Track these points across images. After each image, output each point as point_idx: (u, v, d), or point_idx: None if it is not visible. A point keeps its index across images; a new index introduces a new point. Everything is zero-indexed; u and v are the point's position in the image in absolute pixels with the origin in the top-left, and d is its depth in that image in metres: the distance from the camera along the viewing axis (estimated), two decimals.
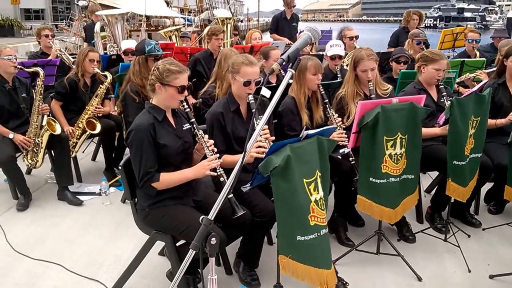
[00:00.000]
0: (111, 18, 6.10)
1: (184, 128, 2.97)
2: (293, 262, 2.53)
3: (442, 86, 3.99)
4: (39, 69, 4.33)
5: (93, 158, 5.68)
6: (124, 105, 4.09)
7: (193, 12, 30.34)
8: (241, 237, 3.21)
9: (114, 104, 5.14)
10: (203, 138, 2.85)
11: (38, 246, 3.71)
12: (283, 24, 8.03)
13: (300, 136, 2.50)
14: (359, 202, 3.31)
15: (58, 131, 4.35)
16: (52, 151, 4.60)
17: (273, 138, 3.15)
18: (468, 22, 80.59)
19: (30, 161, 4.42)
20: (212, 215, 1.72)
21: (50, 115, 4.57)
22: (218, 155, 2.83)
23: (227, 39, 7.25)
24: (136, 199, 2.99)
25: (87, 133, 4.76)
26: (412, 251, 3.62)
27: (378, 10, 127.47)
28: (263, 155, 2.92)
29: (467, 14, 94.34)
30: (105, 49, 6.17)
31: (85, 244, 3.76)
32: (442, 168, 3.77)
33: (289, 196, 2.40)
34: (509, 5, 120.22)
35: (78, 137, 4.75)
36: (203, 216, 1.76)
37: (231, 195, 2.77)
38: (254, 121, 3.09)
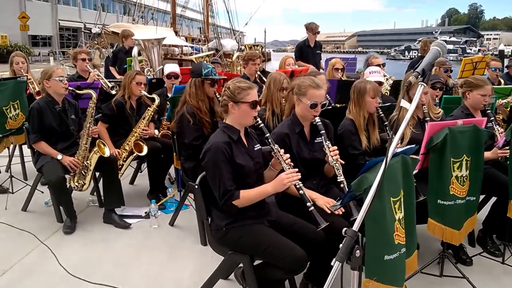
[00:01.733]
0: (148, 43, 6.18)
1: (255, 149, 2.98)
2: (377, 285, 2.49)
3: (489, 111, 4.04)
4: (92, 91, 4.34)
5: (131, 182, 5.65)
6: (179, 126, 4.10)
7: (197, 41, 30.82)
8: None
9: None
10: (279, 152, 2.85)
11: (94, 270, 3.65)
12: (307, 51, 8.14)
13: (395, 150, 2.50)
14: (429, 226, 3.30)
15: (107, 153, 4.35)
16: (101, 174, 4.58)
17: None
18: (450, 54, 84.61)
19: (76, 184, 4.39)
20: (357, 226, 1.71)
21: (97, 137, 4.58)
22: (296, 169, 2.82)
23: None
24: (210, 219, 2.97)
25: (134, 155, 4.75)
26: (470, 274, 3.58)
27: (372, 42, 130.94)
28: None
29: (449, 47, 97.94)
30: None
31: (142, 268, 3.71)
32: (499, 190, 3.77)
33: (381, 216, 2.38)
34: (496, 38, 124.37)
35: (124, 159, 4.74)
36: (347, 228, 1.75)
37: (312, 208, 2.76)
38: (324, 143, 3.15)
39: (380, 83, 5.06)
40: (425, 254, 3.80)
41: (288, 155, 2.86)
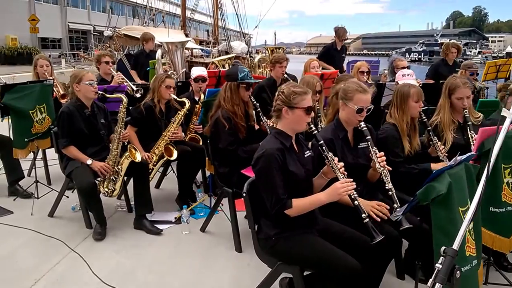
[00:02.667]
0: (172, 46, 6.09)
1: (306, 156, 2.88)
2: None
3: None
4: (122, 95, 4.24)
5: (157, 186, 5.55)
6: (214, 131, 3.99)
7: (205, 43, 30.85)
8: None
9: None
10: (333, 160, 2.74)
11: (129, 278, 3.55)
12: (333, 54, 8.16)
13: (455, 161, 2.39)
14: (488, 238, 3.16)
15: (138, 158, 4.24)
16: (132, 179, 4.47)
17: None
18: None
19: (106, 189, 4.28)
20: (457, 245, 1.59)
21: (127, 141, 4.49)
22: (351, 179, 2.71)
23: None
24: (256, 228, 2.86)
25: (164, 159, 4.65)
26: None
27: (376, 45, 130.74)
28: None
29: None
30: None
31: (178, 276, 3.60)
32: None
33: (450, 226, 2.27)
34: (501, 41, 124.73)
35: (154, 163, 4.64)
36: (446, 247, 1.62)
37: (367, 219, 2.65)
38: (371, 149, 3.03)
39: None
40: None
41: (342, 164, 2.75)
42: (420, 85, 5.88)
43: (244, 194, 2.84)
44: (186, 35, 25.67)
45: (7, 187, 5.20)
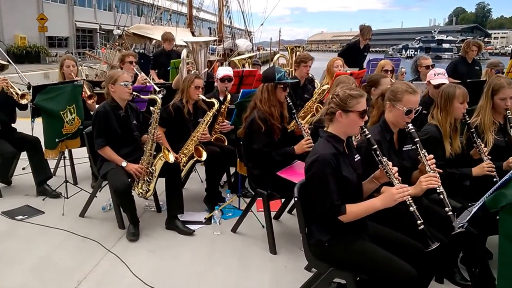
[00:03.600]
0: (196, 46, 6.06)
1: (355, 159, 2.86)
2: None
3: None
4: (157, 97, 4.23)
5: (182, 186, 5.53)
6: (249, 132, 3.98)
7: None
8: None
9: None
10: (388, 165, 2.72)
11: (169, 279, 3.55)
12: (355, 53, 8.07)
13: None
14: None
15: (171, 159, 4.23)
16: (164, 180, 4.46)
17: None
18: (446, 53, 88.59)
19: (141, 190, 4.29)
20: None
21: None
22: (406, 185, 2.70)
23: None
24: (307, 232, 2.85)
25: (193, 160, 4.65)
26: None
27: (380, 41, 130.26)
28: (436, 186, 2.82)
29: (445, 45, 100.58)
30: None
31: (218, 278, 3.60)
32: None
33: None
34: (504, 37, 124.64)
35: (184, 164, 4.64)
36: None
37: (422, 226, 2.64)
38: (420, 152, 3.01)
39: None
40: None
41: (396, 168, 2.73)
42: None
43: (295, 199, 2.82)
44: (193, 33, 25.70)
45: (34, 186, 5.21)
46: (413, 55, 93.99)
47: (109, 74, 4.33)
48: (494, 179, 3.41)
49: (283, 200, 4.57)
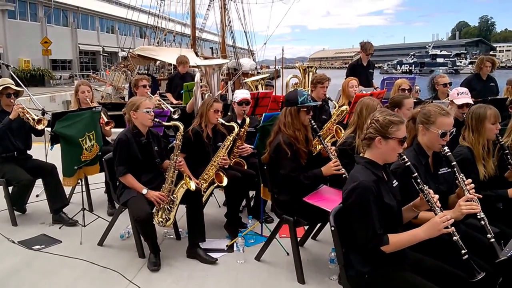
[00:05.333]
0: (209, 69, 6.04)
1: (394, 185, 2.76)
2: None
3: None
4: (179, 123, 4.15)
5: None
6: (275, 157, 3.88)
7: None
8: None
9: None
10: (429, 193, 2.62)
11: None
12: (360, 71, 7.95)
13: None
14: None
15: (193, 187, 4.12)
16: (186, 207, 4.35)
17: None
18: (440, 68, 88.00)
19: (161, 219, 4.16)
20: None
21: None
22: (447, 211, 2.59)
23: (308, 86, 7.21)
24: (345, 262, 2.73)
25: (214, 186, 4.55)
26: None
27: (382, 57, 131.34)
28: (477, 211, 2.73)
29: (440, 60, 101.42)
30: (203, 99, 6.07)
31: None
32: None
33: None
34: (509, 50, 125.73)
35: (204, 190, 4.54)
36: None
37: (466, 256, 2.52)
38: (458, 176, 2.91)
39: (468, 105, 4.83)
40: None
41: (437, 196, 2.64)
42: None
43: (332, 228, 2.71)
44: (196, 54, 25.86)
45: (49, 214, 5.11)
46: (407, 70, 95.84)
47: (131, 101, 4.26)
48: None
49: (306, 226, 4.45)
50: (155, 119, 4.20)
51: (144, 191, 4.09)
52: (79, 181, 5.08)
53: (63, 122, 4.54)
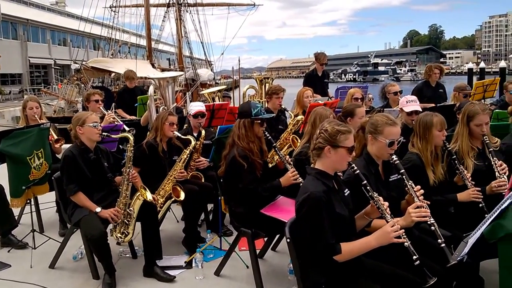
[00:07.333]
0: (163, 81, 5.95)
1: (346, 194, 2.78)
2: None
3: None
4: (129, 135, 4.06)
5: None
6: (230, 170, 3.84)
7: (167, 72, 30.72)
8: None
9: None
10: (380, 201, 2.65)
11: None
12: (315, 81, 8.06)
13: None
14: None
15: (149, 197, 4.03)
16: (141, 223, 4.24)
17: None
18: (382, 76, 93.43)
19: (119, 235, 4.04)
20: None
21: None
22: (399, 218, 2.63)
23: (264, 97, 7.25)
24: (302, 273, 2.72)
25: (171, 201, 4.46)
26: None
27: (337, 67, 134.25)
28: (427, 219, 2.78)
29: (381, 68, 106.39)
30: (157, 111, 5.98)
31: None
32: None
33: None
34: (458, 57, 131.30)
35: (161, 205, 4.44)
36: None
37: (418, 262, 2.57)
38: (407, 183, 2.97)
39: (417, 113, 4.94)
40: None
41: (387, 204, 2.67)
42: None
43: (288, 240, 2.70)
44: (153, 65, 25.60)
45: None
46: (351, 78, 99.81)
47: (77, 116, 4.13)
48: (480, 205, 3.41)
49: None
50: (103, 133, 4.08)
51: (98, 209, 3.96)
52: (28, 201, 4.87)
53: (9, 140, 4.34)
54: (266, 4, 36.53)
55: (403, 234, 2.58)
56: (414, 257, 2.57)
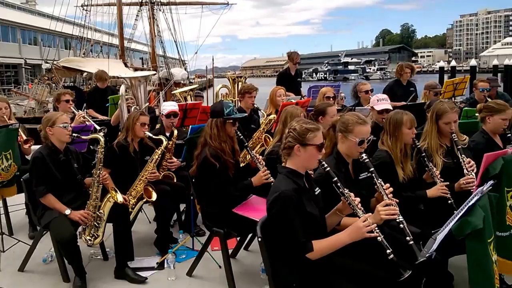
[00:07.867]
0: (135, 81, 5.89)
1: (316, 193, 2.81)
2: None
3: (510, 135, 4.09)
4: (99, 136, 4.00)
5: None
6: (202, 170, 3.83)
7: (140, 71, 30.44)
8: None
9: None
10: (350, 197, 2.68)
11: None
12: (288, 80, 8.08)
13: (481, 192, 2.40)
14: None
15: (120, 199, 3.98)
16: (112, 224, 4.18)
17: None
18: (352, 74, 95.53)
19: (89, 237, 3.99)
20: None
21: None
22: (370, 214, 2.66)
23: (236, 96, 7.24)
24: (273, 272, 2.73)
25: (142, 201, 4.42)
26: None
27: (311, 65, 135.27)
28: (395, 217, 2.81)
29: (351, 67, 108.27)
30: (129, 111, 5.91)
31: None
32: None
33: (485, 261, 2.26)
34: (430, 56, 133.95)
35: (132, 206, 4.39)
36: None
37: (392, 256, 2.60)
38: (377, 181, 3.01)
39: (388, 111, 5.01)
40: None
41: (359, 199, 2.70)
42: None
43: (259, 239, 2.71)
44: (125, 64, 25.28)
45: None
46: (322, 77, 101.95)
47: (46, 116, 4.05)
48: (449, 201, 3.48)
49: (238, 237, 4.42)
50: (74, 134, 4.02)
51: (67, 211, 3.89)
52: None
53: None
54: (239, 3, 36.45)
55: (376, 228, 2.60)
56: (388, 251, 2.59)
